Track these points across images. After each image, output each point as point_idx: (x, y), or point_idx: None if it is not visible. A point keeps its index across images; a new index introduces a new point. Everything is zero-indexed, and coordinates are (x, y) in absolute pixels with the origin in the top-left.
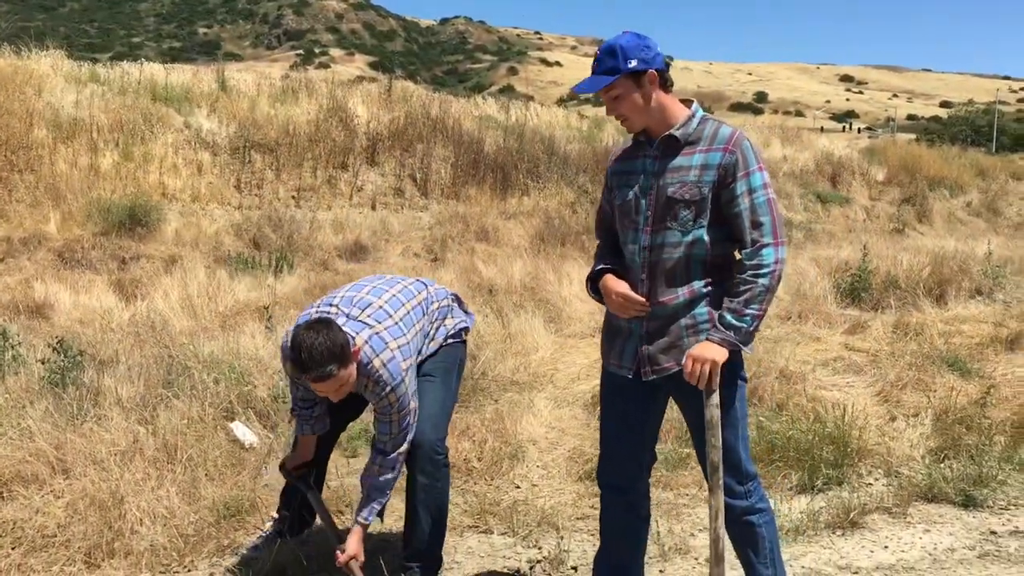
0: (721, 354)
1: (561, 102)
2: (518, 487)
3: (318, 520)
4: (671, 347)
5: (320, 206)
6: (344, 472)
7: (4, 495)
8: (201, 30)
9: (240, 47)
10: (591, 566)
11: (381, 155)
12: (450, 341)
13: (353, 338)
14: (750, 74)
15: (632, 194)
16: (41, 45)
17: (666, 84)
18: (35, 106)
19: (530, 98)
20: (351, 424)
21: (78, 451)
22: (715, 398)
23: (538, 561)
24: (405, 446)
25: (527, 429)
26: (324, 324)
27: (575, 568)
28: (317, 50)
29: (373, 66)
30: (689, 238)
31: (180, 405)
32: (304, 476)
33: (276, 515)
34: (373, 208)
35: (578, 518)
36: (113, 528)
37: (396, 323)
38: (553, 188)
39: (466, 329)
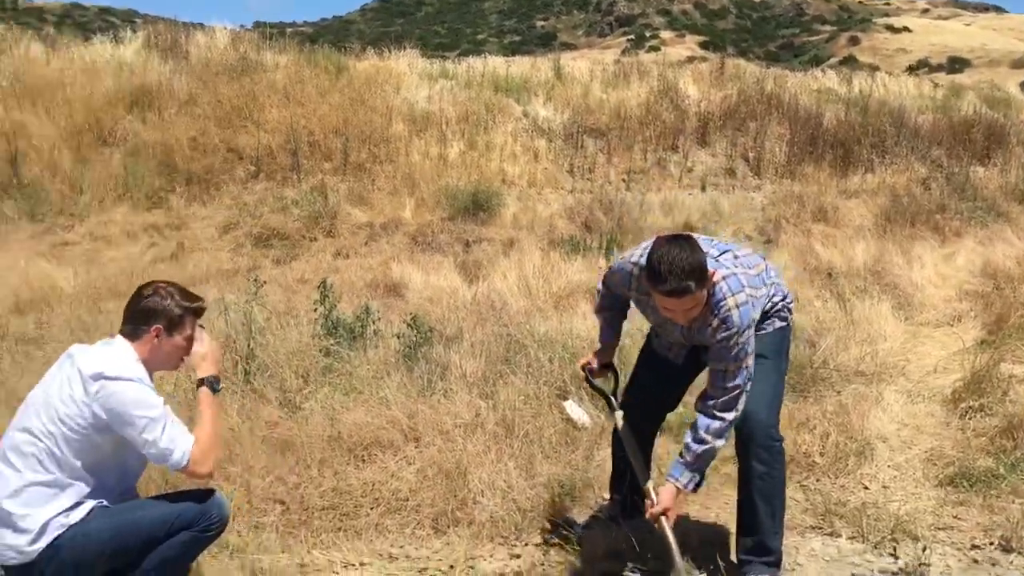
0: None
1: (911, 70)
2: (866, 488)
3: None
4: None
5: (650, 188)
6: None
7: (365, 458)
8: (539, 23)
9: (575, 36)
10: None
11: (712, 135)
12: (779, 324)
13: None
14: None
15: None
16: (399, 47)
17: None
18: (393, 102)
19: (875, 68)
20: (682, 411)
21: (427, 421)
22: None
23: (894, 573)
24: (734, 413)
25: (875, 424)
26: (688, 241)
27: None
28: (648, 34)
29: (703, 46)
30: None
31: (517, 382)
32: (604, 390)
33: (608, 498)
34: (703, 189)
35: (939, 528)
36: (457, 497)
37: (752, 276)
38: (902, 163)
39: (790, 310)
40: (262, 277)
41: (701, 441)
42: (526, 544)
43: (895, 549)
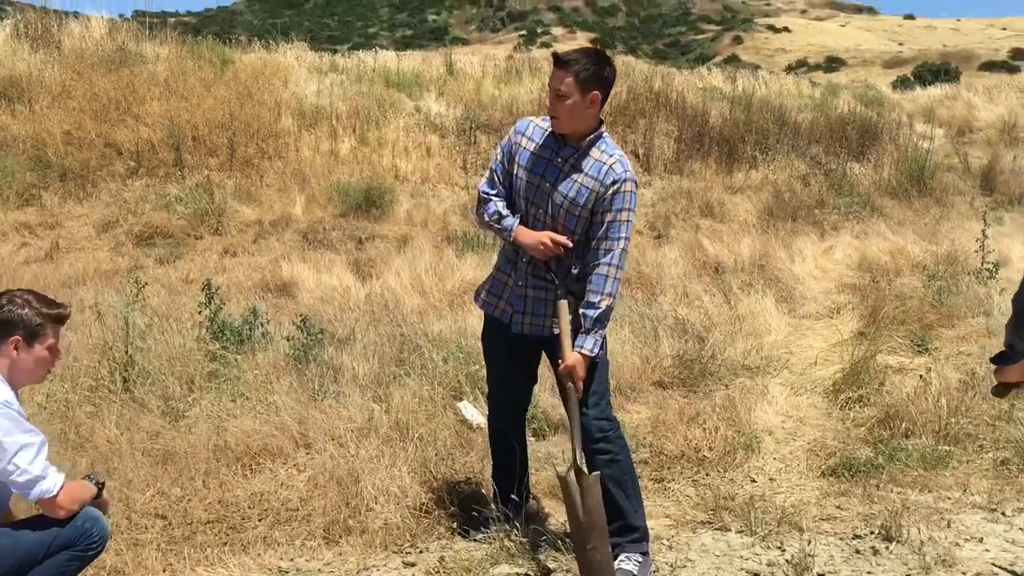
0: None
1: (791, 69)
2: (754, 481)
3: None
4: None
5: None
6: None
7: (253, 467)
8: (431, 17)
9: (467, 31)
10: (839, 573)
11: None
12: None
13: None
14: (1004, 29)
15: None
16: (287, 39)
17: None
18: (282, 96)
19: (757, 67)
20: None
21: (319, 427)
22: None
23: (781, 565)
24: (620, 270)
25: (761, 418)
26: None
27: (821, 575)
28: (539, 30)
29: (594, 42)
30: None
31: (411, 383)
32: None
33: (500, 500)
34: None
35: (823, 519)
36: (350, 505)
37: None
38: (783, 160)
39: None
40: (144, 277)
41: (594, 306)
42: (421, 551)
43: (782, 543)
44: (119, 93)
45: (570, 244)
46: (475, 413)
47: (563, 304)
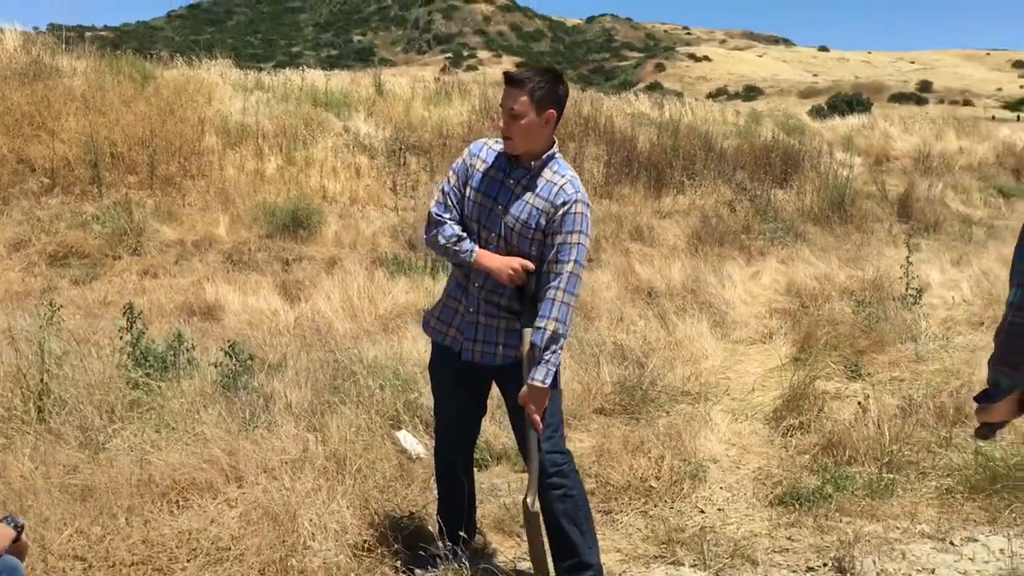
0: None
1: (711, 97)
2: (703, 511)
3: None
4: None
5: None
6: (514, 488)
7: (180, 503)
8: (356, 37)
9: (393, 52)
10: None
11: None
12: None
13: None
14: (912, 63)
15: None
16: (211, 56)
17: None
18: (206, 114)
19: (679, 94)
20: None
21: (250, 458)
22: None
23: None
24: (573, 297)
25: (705, 445)
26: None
27: None
28: (466, 53)
29: (520, 67)
30: None
31: (347, 412)
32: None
33: (447, 536)
34: None
35: (775, 551)
36: (286, 543)
37: None
38: (709, 186)
39: None
40: (59, 299)
41: (540, 330)
42: None
43: None
44: (33, 107)
45: (531, 267)
46: (414, 443)
47: (527, 332)
